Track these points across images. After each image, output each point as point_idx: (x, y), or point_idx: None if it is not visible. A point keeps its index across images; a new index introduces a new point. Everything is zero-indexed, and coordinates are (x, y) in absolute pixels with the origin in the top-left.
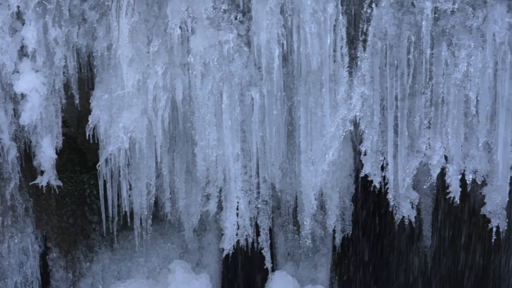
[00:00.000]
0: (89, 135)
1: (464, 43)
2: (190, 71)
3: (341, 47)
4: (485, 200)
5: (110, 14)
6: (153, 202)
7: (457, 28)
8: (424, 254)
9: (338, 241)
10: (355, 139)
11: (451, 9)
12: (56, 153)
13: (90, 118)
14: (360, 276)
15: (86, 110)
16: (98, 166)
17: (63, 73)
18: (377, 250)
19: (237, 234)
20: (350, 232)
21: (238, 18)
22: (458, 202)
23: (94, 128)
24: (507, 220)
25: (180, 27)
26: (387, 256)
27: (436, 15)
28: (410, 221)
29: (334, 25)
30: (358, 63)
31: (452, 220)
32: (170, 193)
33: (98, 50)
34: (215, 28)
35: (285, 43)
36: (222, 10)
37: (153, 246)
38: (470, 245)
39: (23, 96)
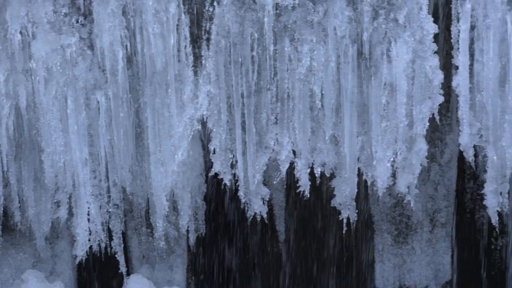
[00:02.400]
0: None
1: (306, 38)
2: (33, 77)
3: (185, 46)
4: (334, 193)
5: None
6: (1, 212)
7: (299, 24)
8: (279, 249)
9: (192, 241)
10: (204, 138)
11: (292, 5)
12: None
13: None
14: (217, 275)
15: None
16: None
17: None
18: (232, 248)
19: (89, 240)
20: (204, 232)
21: (79, 21)
22: (308, 196)
23: None
24: (357, 211)
25: (21, 32)
26: (242, 254)
27: (277, 11)
28: (262, 217)
29: (177, 25)
30: (203, 62)
31: (305, 214)
32: (19, 202)
33: None
34: (57, 32)
35: (128, 44)
36: (63, 13)
37: (5, 257)
38: (323, 238)
39: None
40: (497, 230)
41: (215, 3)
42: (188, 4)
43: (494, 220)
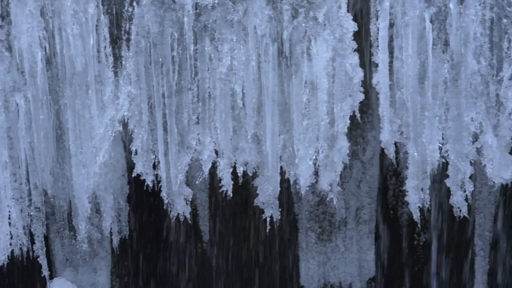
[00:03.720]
0: None
1: (226, 37)
2: None
3: (105, 47)
4: (257, 191)
5: None
6: None
7: (219, 23)
8: (203, 249)
9: (115, 243)
10: (125, 139)
11: (211, 4)
12: None
13: None
14: (141, 277)
15: None
16: None
17: None
18: (156, 249)
19: (10, 244)
20: (127, 233)
21: None
22: (231, 195)
23: None
24: (280, 210)
25: None
26: (167, 255)
27: (197, 10)
28: (185, 218)
29: (96, 26)
30: (123, 62)
31: (228, 213)
32: None
33: None
34: None
35: (47, 46)
36: None
37: None
38: (248, 237)
39: None
40: (419, 226)
41: (134, 3)
42: (107, 5)
43: (416, 216)
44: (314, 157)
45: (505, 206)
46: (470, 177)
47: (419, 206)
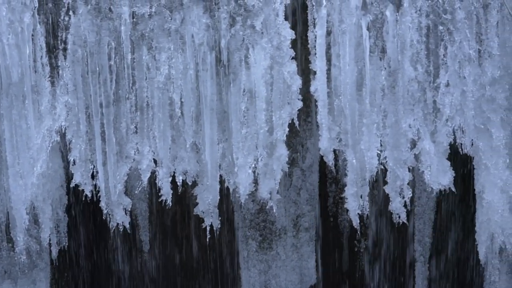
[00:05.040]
0: None
1: (164, 46)
2: None
3: (41, 57)
4: (197, 200)
5: None
6: None
7: (156, 32)
8: (143, 259)
9: (54, 254)
10: (63, 149)
11: (148, 13)
12: None
13: None
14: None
15: None
16: None
17: None
18: (96, 260)
19: None
20: (67, 244)
21: None
22: (171, 205)
23: None
24: (220, 218)
25: None
26: (106, 265)
27: (134, 19)
28: (125, 228)
29: (32, 35)
30: (60, 72)
31: (168, 223)
32: None
33: None
34: None
35: None
36: None
37: None
38: (188, 246)
39: None
40: (359, 233)
41: (70, 13)
42: (43, 14)
43: (356, 223)
44: (253, 165)
45: (443, 211)
46: (408, 184)
47: (358, 213)
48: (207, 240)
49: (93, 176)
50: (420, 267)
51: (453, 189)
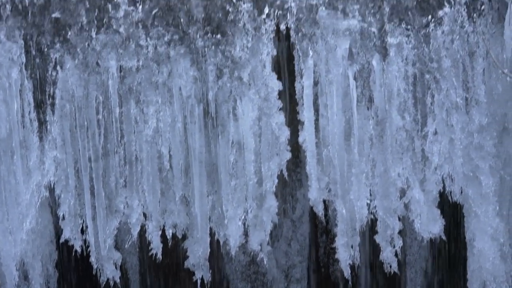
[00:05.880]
0: None
1: (152, 99)
2: None
3: (29, 112)
4: (187, 253)
5: None
6: None
7: (144, 85)
8: None
9: None
10: (52, 204)
11: (136, 67)
12: None
13: None
14: None
15: None
16: None
17: None
18: None
19: None
20: None
21: None
22: (161, 258)
23: None
24: (210, 271)
25: None
26: None
27: (121, 73)
28: (116, 282)
29: (20, 90)
30: (48, 127)
31: (160, 276)
32: None
33: None
34: None
35: None
36: None
37: None
38: None
39: None
40: (350, 283)
41: (58, 68)
42: (30, 69)
43: (347, 273)
44: (243, 217)
45: (434, 260)
46: (399, 233)
47: (349, 263)
48: None
49: (82, 231)
50: None
51: (444, 238)
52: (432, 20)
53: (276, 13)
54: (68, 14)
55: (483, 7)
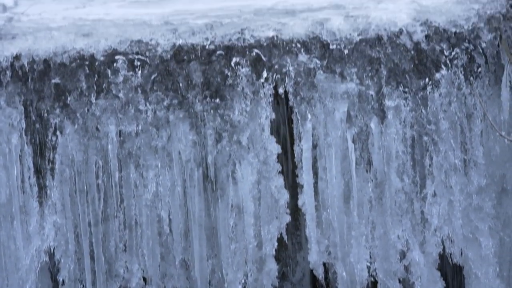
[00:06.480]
0: None
1: (151, 163)
2: None
3: (29, 177)
4: None
5: None
6: None
7: (143, 149)
8: None
9: None
10: (52, 269)
11: (135, 131)
12: None
13: None
14: None
15: None
16: None
17: None
18: None
19: None
20: None
21: None
22: None
23: None
24: None
25: None
26: None
27: (121, 138)
28: None
29: (20, 156)
30: (48, 192)
31: None
32: None
33: None
34: None
35: None
36: None
37: None
38: None
39: None
40: None
41: (58, 133)
42: (30, 135)
43: None
44: (243, 280)
45: None
46: None
47: None
48: None
49: None
50: None
51: None
52: (430, 82)
53: (274, 77)
54: (67, 79)
55: (479, 69)
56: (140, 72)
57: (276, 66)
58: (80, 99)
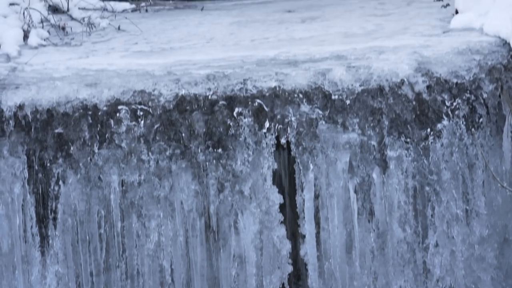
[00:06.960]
0: None
1: (153, 213)
2: None
3: (31, 226)
4: None
5: None
6: None
7: (146, 199)
8: None
9: None
10: None
11: (138, 181)
12: None
13: None
14: None
15: None
16: None
17: None
18: None
19: None
20: None
21: None
22: None
23: None
24: None
25: None
26: None
27: (123, 187)
28: None
29: (22, 205)
30: (50, 241)
31: None
32: None
33: None
34: None
35: None
36: None
37: None
38: None
39: None
40: None
41: (60, 182)
42: (33, 184)
43: None
44: None
45: None
46: None
47: None
48: None
49: None
50: None
51: None
52: (431, 133)
53: (276, 127)
54: (70, 129)
55: (481, 119)
56: (142, 122)
57: (278, 116)
58: (83, 149)
